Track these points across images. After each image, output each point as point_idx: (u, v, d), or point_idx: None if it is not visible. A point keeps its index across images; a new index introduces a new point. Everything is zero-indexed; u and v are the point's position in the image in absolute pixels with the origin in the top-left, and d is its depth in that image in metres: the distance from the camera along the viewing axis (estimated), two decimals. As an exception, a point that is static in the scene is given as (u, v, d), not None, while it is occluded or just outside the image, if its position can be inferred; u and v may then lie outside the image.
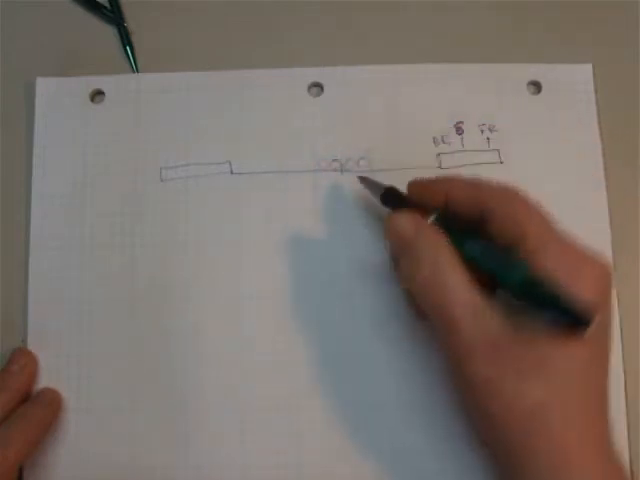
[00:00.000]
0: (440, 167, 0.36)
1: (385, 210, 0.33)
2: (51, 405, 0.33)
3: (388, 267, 0.35)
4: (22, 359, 0.34)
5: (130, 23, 0.39)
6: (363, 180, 0.35)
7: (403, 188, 0.36)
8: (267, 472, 0.33)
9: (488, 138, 0.37)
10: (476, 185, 0.29)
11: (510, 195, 0.29)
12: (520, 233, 0.27)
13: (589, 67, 0.38)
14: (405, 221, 0.29)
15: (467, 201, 0.29)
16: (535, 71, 0.38)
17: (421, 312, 0.31)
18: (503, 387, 0.26)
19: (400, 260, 0.30)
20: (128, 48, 0.39)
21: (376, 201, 0.33)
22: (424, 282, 0.28)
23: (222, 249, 0.36)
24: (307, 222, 0.36)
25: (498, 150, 0.37)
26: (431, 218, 0.29)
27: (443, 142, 0.37)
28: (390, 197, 0.32)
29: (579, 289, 0.25)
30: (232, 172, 0.37)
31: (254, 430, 0.34)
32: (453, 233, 0.29)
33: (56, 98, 0.38)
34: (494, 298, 0.28)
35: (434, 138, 0.37)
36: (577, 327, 0.25)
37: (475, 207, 0.29)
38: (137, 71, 0.39)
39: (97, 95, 0.38)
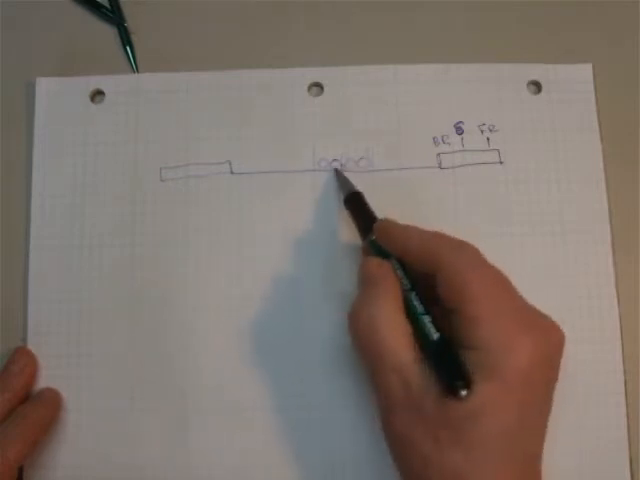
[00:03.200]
0: (440, 167, 0.36)
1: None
2: (51, 405, 0.33)
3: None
4: (22, 359, 0.34)
5: (130, 23, 0.39)
6: (338, 173, 0.36)
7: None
8: (267, 472, 0.33)
9: (488, 138, 0.37)
10: (428, 239, 0.29)
11: (455, 257, 0.28)
12: (459, 299, 0.27)
13: (589, 67, 0.38)
14: (377, 261, 0.30)
15: (420, 255, 0.29)
16: (535, 71, 0.38)
17: None
18: (422, 449, 0.26)
19: (359, 291, 0.30)
20: (128, 48, 0.39)
21: (340, 197, 0.35)
22: (364, 321, 0.28)
23: (222, 249, 0.36)
24: (307, 222, 0.36)
25: (498, 150, 0.37)
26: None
27: (443, 142, 0.37)
28: (353, 202, 0.34)
29: (509, 358, 0.25)
30: (232, 172, 0.37)
31: (254, 430, 0.34)
32: (404, 283, 0.29)
33: (56, 98, 0.38)
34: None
35: (434, 138, 0.37)
36: (454, 393, 0.25)
37: (427, 262, 0.28)
38: (137, 71, 0.39)
39: (97, 95, 0.38)
